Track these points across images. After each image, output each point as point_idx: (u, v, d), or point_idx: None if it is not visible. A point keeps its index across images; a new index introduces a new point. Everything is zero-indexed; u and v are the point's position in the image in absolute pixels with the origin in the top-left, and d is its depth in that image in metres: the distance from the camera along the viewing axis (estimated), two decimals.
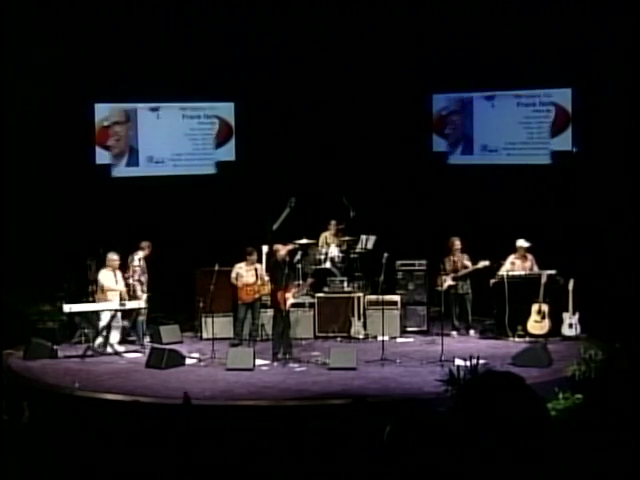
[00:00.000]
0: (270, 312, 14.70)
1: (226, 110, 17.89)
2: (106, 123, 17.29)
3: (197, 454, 7.72)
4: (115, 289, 14.68)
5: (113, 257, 14.74)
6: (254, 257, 14.94)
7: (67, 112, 16.42)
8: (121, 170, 17.55)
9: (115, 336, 14.62)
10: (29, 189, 15.85)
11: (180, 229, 17.05)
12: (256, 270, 14.90)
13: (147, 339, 15.03)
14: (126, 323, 14.83)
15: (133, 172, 17.51)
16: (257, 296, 14.90)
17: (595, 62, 14.92)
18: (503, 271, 15.03)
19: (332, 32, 16.80)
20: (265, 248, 15.43)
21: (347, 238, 16.14)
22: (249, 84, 17.43)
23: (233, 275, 14.85)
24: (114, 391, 12.27)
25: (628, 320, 13.11)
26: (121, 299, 14.64)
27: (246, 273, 14.89)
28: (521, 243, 15.09)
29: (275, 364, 13.61)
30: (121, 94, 17.00)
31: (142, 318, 15.14)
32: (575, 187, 15.76)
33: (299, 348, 14.35)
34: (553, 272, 14.83)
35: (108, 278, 14.69)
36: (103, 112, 17.32)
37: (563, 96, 16.16)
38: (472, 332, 15.27)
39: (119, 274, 14.82)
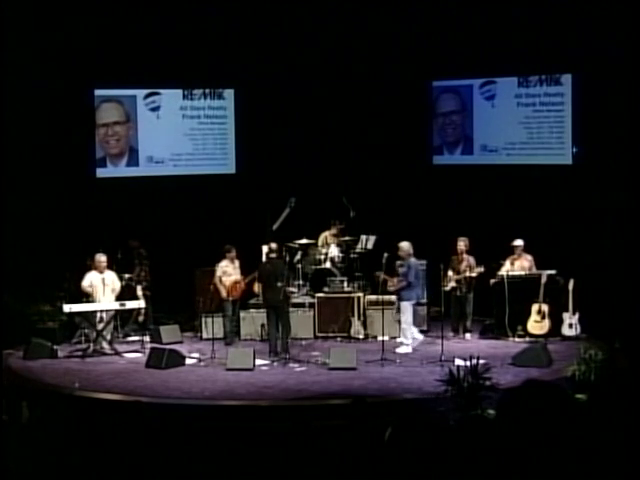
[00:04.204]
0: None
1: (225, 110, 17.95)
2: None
3: (197, 454, 7.71)
4: (102, 289, 14.49)
5: (101, 258, 14.61)
6: (233, 254, 15.10)
7: (66, 101, 16.41)
8: (121, 170, 17.57)
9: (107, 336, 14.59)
10: (29, 189, 15.85)
11: (180, 229, 17.07)
12: (238, 267, 15.17)
13: (147, 339, 15.02)
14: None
15: (133, 172, 17.52)
16: (242, 293, 15.19)
17: (596, 50, 14.89)
18: (503, 271, 15.02)
19: (330, 27, 16.79)
20: (265, 248, 15.46)
21: (347, 238, 16.13)
22: (248, 84, 17.48)
23: (219, 273, 14.96)
24: (114, 391, 12.27)
25: (628, 320, 13.11)
26: (117, 299, 14.60)
27: (233, 271, 15.03)
28: (517, 243, 15.11)
29: (275, 364, 13.61)
30: (120, 80, 17.02)
31: (142, 318, 15.20)
32: (575, 187, 15.76)
33: (299, 348, 14.35)
34: (553, 272, 14.83)
35: (93, 281, 14.50)
36: (104, 110, 17.37)
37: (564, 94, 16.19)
38: (468, 335, 15.19)
39: (110, 274, 14.73)
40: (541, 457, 4.62)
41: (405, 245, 14.45)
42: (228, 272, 15.05)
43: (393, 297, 15.31)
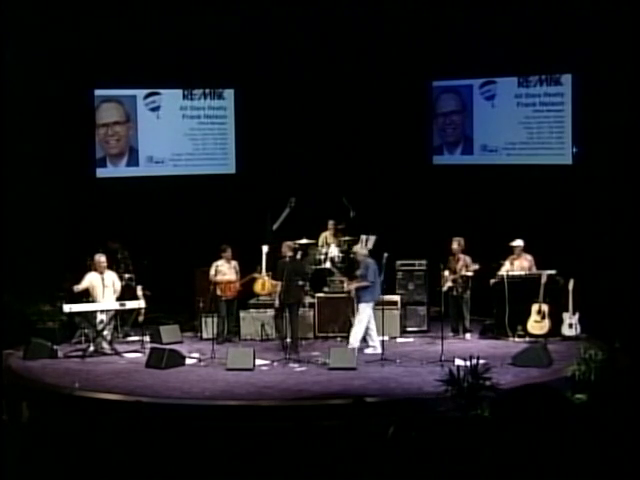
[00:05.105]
0: (270, 312, 14.84)
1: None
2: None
3: (197, 454, 7.71)
4: (101, 290, 14.45)
5: (101, 259, 14.57)
6: (229, 254, 15.10)
7: (66, 101, 16.41)
8: (121, 170, 17.57)
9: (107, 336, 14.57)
10: (29, 189, 15.84)
11: (180, 229, 17.07)
12: (234, 267, 15.16)
13: (147, 339, 15.00)
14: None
15: (133, 172, 17.52)
16: (237, 293, 15.19)
17: (597, 49, 14.88)
18: (503, 271, 15.02)
19: (330, 27, 16.78)
20: (265, 248, 15.47)
21: (347, 238, 16.14)
22: (248, 84, 17.49)
23: (212, 272, 14.99)
24: (114, 391, 12.26)
25: (628, 320, 13.11)
26: (117, 299, 14.60)
27: (228, 270, 15.02)
28: (516, 243, 15.11)
29: (275, 364, 13.61)
30: (120, 80, 17.03)
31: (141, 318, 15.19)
32: (575, 187, 15.76)
33: (299, 348, 14.33)
34: (553, 272, 14.83)
35: (93, 281, 14.48)
36: (104, 110, 17.38)
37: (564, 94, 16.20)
38: (468, 335, 15.18)
39: (111, 274, 14.71)
40: (537, 457, 4.64)
41: (357, 248, 14.74)
42: (223, 271, 15.03)
43: (395, 297, 15.37)
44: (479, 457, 5.80)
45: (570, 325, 14.61)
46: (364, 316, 14.12)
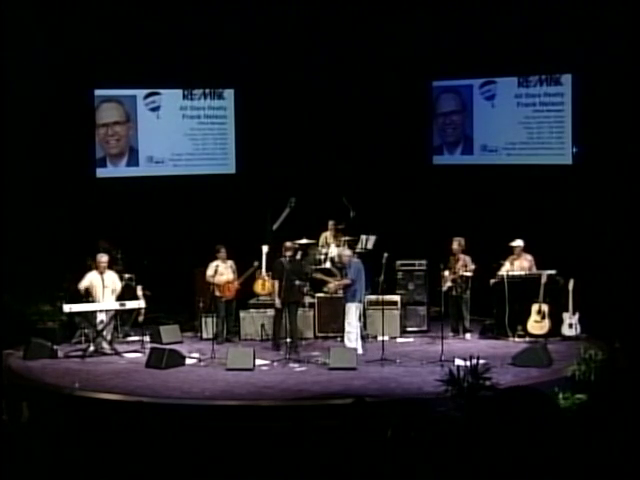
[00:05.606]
0: (270, 312, 14.86)
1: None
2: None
3: (197, 454, 7.72)
4: (101, 290, 14.45)
5: (102, 259, 14.58)
6: (223, 254, 15.09)
7: (66, 101, 16.40)
8: (121, 170, 17.57)
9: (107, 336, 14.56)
10: (29, 189, 15.85)
11: (180, 229, 17.06)
12: (231, 266, 15.17)
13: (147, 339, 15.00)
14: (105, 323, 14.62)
15: (133, 172, 17.52)
16: (236, 293, 15.21)
17: (597, 49, 14.88)
18: (503, 271, 15.02)
19: (330, 27, 16.79)
20: (265, 248, 15.47)
21: (347, 238, 16.13)
22: (248, 84, 17.48)
23: (211, 272, 14.97)
24: (114, 391, 12.26)
25: (628, 320, 13.11)
26: (117, 299, 14.59)
27: (225, 270, 15.03)
28: (516, 243, 15.11)
29: (275, 364, 13.61)
30: (120, 80, 17.03)
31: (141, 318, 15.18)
32: (575, 186, 15.77)
33: (299, 348, 14.34)
34: (553, 272, 14.84)
35: (93, 281, 14.48)
36: (104, 110, 17.39)
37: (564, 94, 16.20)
38: (468, 335, 15.19)
39: (111, 275, 14.72)
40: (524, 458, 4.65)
41: (341, 250, 14.99)
42: (220, 271, 15.02)
43: (395, 297, 15.37)
44: (477, 457, 5.81)
45: (570, 325, 14.62)
46: (351, 317, 14.14)
